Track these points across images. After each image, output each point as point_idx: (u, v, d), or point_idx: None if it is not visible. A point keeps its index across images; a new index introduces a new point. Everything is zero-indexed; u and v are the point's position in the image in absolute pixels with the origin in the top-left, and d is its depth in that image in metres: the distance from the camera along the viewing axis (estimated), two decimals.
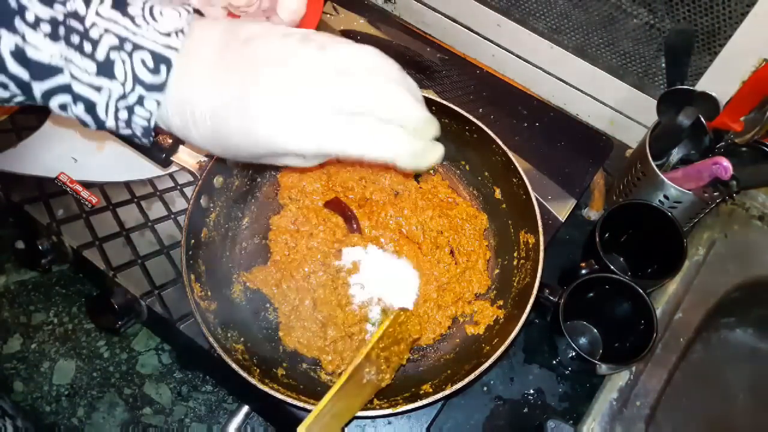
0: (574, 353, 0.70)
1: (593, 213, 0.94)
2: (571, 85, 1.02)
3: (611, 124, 1.02)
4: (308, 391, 0.68)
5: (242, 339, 0.73)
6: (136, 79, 0.43)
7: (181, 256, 0.71)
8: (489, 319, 0.77)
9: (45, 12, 0.40)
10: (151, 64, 0.43)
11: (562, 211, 0.88)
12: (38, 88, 0.43)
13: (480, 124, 0.81)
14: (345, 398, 0.63)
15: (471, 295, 0.80)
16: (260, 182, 0.87)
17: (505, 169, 0.80)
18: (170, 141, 0.74)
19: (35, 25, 0.40)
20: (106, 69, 0.43)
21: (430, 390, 0.69)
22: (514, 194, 0.80)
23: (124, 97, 0.44)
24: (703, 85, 0.83)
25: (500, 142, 0.80)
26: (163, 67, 0.44)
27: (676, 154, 0.87)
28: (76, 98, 0.44)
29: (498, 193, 0.84)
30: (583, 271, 0.77)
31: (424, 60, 1.04)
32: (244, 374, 0.65)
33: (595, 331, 0.83)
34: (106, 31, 0.42)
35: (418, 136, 0.46)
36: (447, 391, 0.65)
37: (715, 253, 0.87)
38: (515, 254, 0.80)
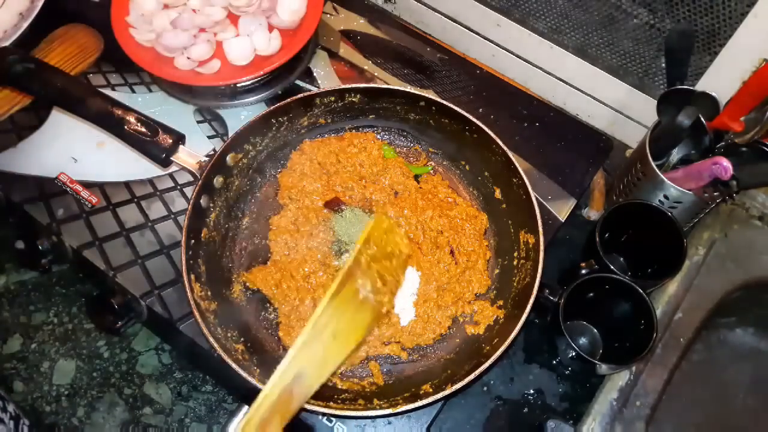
0: (574, 353, 0.70)
1: (593, 213, 0.94)
2: (571, 85, 1.02)
3: (611, 124, 1.02)
4: None
5: (242, 339, 0.73)
6: None
7: (181, 256, 0.71)
8: (489, 319, 0.77)
9: None
10: None
11: (562, 211, 0.88)
12: None
13: (480, 124, 0.81)
14: (345, 314, 0.61)
15: (471, 295, 0.80)
16: (260, 182, 0.87)
17: (505, 169, 0.80)
18: (170, 141, 0.74)
19: None
20: None
21: (430, 390, 0.69)
22: (514, 194, 0.80)
23: None
24: (703, 85, 0.83)
25: (500, 142, 0.80)
26: None
27: (676, 154, 0.86)
28: None
29: (498, 193, 0.84)
30: (583, 271, 0.76)
31: (424, 60, 1.04)
32: (244, 374, 0.65)
33: (595, 331, 0.83)
34: None
35: None
36: (447, 391, 0.65)
37: (715, 253, 0.87)
38: (515, 254, 0.80)
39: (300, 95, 0.83)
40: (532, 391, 0.80)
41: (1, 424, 0.81)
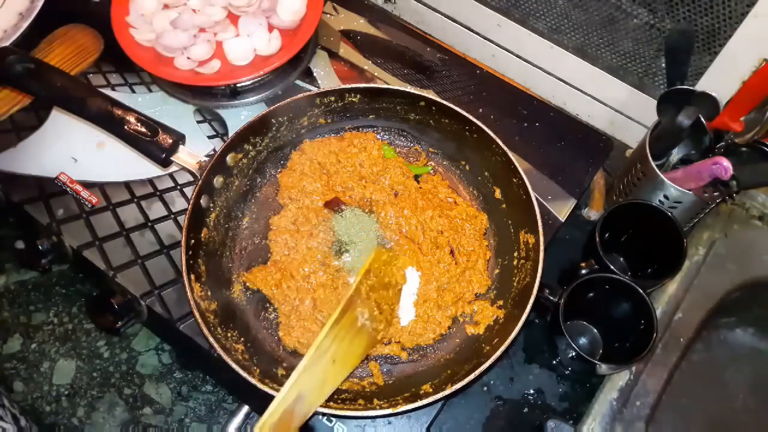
0: (574, 353, 0.70)
1: (593, 213, 0.94)
2: (571, 85, 1.02)
3: (611, 124, 1.02)
4: None
5: (242, 339, 0.73)
6: None
7: (181, 256, 0.71)
8: (489, 319, 0.77)
9: None
10: None
11: (562, 211, 0.88)
12: None
13: (480, 124, 0.81)
14: (344, 341, 0.64)
15: (471, 295, 0.80)
16: (260, 182, 0.87)
17: (505, 169, 0.80)
18: (170, 141, 0.74)
19: None
20: None
21: (430, 390, 0.69)
22: (514, 194, 0.80)
23: None
24: (703, 85, 0.83)
25: (500, 142, 0.80)
26: None
27: (676, 154, 0.86)
28: None
29: (498, 193, 0.84)
30: (583, 271, 0.76)
31: (424, 60, 1.04)
32: (244, 374, 0.65)
33: (595, 331, 0.83)
34: None
35: None
36: (447, 391, 0.65)
37: (715, 253, 0.87)
38: (515, 254, 0.80)
39: (300, 95, 0.83)
40: (532, 391, 0.80)
41: (15, 423, 0.81)
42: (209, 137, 0.94)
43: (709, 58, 0.81)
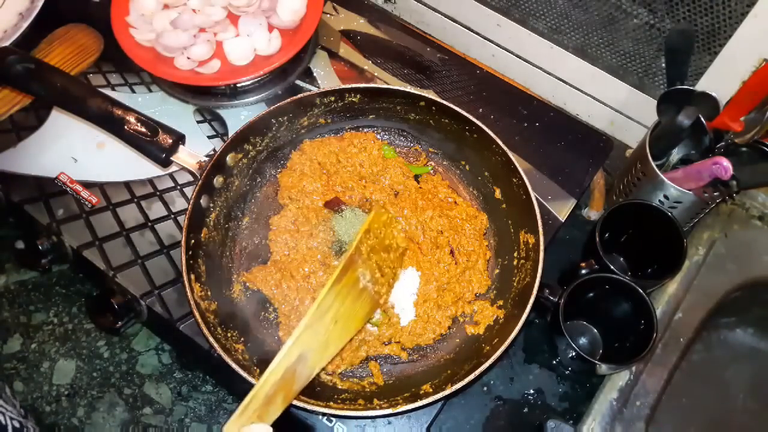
0: (574, 353, 0.70)
1: (593, 213, 0.94)
2: (571, 85, 1.02)
3: (611, 124, 1.02)
4: (308, 391, 0.68)
5: (242, 339, 0.73)
6: None
7: (181, 256, 0.71)
8: (489, 319, 0.77)
9: None
10: None
11: (562, 211, 0.88)
12: None
13: (480, 124, 0.81)
14: (346, 300, 0.65)
15: (471, 295, 0.80)
16: (260, 182, 0.87)
17: (505, 169, 0.80)
18: (170, 141, 0.74)
19: None
20: None
21: (430, 390, 0.69)
22: (514, 194, 0.80)
23: None
24: (703, 85, 0.83)
25: (500, 142, 0.80)
26: None
27: (676, 154, 0.87)
28: None
29: (498, 193, 0.84)
30: (583, 271, 0.76)
31: (424, 60, 1.04)
32: (244, 374, 0.65)
33: (595, 331, 0.83)
34: None
35: None
36: (447, 391, 0.65)
37: (715, 253, 0.87)
38: (515, 254, 0.80)
39: (300, 95, 0.83)
40: (532, 391, 0.80)
41: (16, 410, 0.81)
42: (209, 137, 0.94)
43: (709, 58, 0.81)
